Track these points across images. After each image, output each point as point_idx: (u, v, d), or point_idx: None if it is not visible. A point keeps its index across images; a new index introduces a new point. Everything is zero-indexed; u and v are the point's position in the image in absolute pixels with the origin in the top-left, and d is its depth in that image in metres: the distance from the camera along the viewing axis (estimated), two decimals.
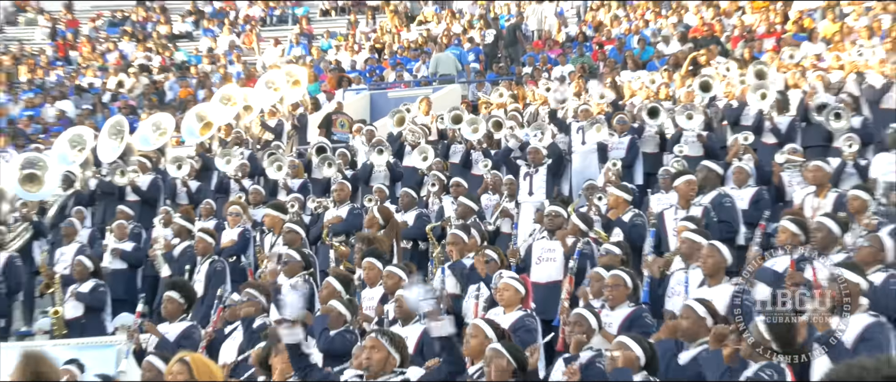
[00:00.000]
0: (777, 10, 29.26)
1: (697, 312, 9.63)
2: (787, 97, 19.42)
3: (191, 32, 38.54)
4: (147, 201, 20.04)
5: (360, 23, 37.19)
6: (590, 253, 13.31)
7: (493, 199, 17.38)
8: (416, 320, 11.36)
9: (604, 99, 22.34)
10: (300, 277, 12.93)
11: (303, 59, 32.95)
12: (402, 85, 30.48)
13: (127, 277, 17.05)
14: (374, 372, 9.08)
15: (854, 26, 26.49)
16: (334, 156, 20.07)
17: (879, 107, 18.94)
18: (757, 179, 16.45)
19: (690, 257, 11.72)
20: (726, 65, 24.27)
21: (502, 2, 35.58)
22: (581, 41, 31.11)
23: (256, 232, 17.06)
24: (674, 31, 29.77)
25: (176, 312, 12.68)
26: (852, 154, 16.07)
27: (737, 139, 17.32)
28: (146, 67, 35.05)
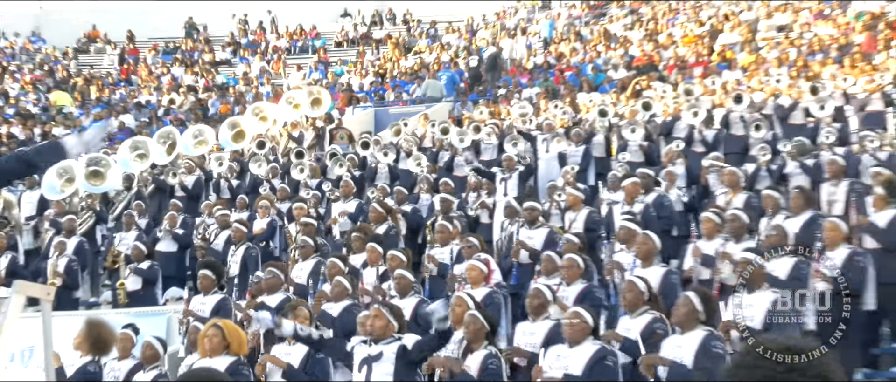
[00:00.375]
0: (704, 44, 29.23)
1: (639, 286, 9.57)
2: (713, 114, 19.39)
3: (229, 59, 38.47)
4: (192, 196, 19.97)
5: (367, 53, 37.17)
6: (555, 240, 13.36)
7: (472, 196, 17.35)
8: (412, 294, 11.41)
9: (566, 114, 22.34)
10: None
11: (320, 81, 32.91)
12: (400, 103, 30.46)
13: (177, 258, 17.02)
14: (377, 336, 9.04)
15: (767, 57, 26.44)
16: (344, 159, 20.02)
17: (787, 123, 18.88)
18: (687, 180, 16.47)
19: (627, 242, 11.77)
20: (663, 89, 24.25)
21: (483, 34, 35.53)
22: (545, 68, 31.08)
23: (281, 221, 17.00)
24: (621, 60, 29.73)
25: (209, 286, 12.61)
26: (765, 161, 16.05)
27: (671, 148, 17.34)
28: (193, 88, 35.00)
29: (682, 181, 16.35)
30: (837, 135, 16.88)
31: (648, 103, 21.23)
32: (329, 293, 11.92)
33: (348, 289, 11.83)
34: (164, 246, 16.78)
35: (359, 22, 40.07)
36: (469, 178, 18.08)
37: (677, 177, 15.97)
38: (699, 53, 28.70)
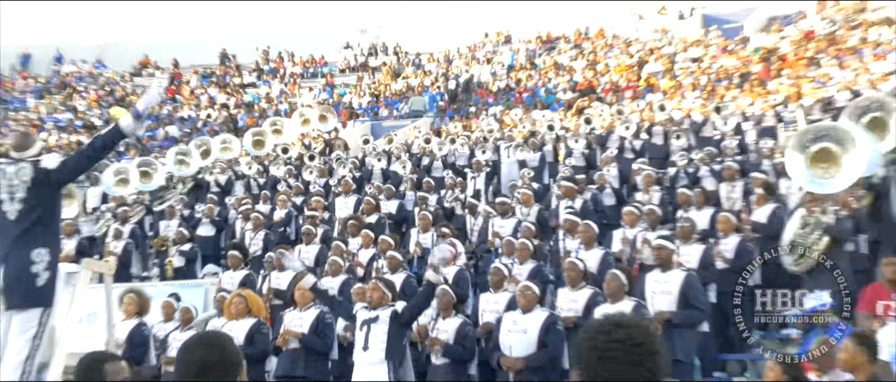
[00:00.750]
0: (633, 72, 29.38)
1: (579, 266, 9.63)
2: (641, 127, 19.50)
3: (255, 82, 38.41)
4: (225, 191, 19.93)
5: (365, 77, 37.16)
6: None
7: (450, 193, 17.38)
8: (401, 270, 11.42)
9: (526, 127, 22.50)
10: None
11: (327, 100, 32.92)
12: (391, 118, 30.52)
13: (213, 241, 16.90)
14: (375, 305, 9.05)
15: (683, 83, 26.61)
16: (347, 162, 20.11)
17: (699, 136, 19.01)
18: (619, 180, 16.51)
19: (571, 231, 11.77)
20: (601, 108, 24.38)
21: (457, 63, 35.58)
22: (507, 91, 31.17)
23: (296, 212, 17.04)
24: (567, 85, 29.84)
25: (237, 263, 12.61)
26: (683, 165, 16.09)
27: (607, 154, 17.43)
28: (225, 105, 34.99)
29: (616, 181, 16.36)
30: (738, 145, 17.07)
31: (589, 119, 21.35)
32: (328, 269, 11.94)
33: (342, 265, 11.84)
34: (203, 231, 16.74)
35: (358, 53, 40.03)
36: (445, 179, 18.15)
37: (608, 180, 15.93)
38: (629, 80, 28.87)
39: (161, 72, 40.12)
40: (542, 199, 15.64)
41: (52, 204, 6.26)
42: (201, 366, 3.07)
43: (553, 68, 32.51)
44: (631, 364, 2.39)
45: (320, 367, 9.82)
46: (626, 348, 2.39)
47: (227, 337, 3.31)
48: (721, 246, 10.68)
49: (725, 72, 27.09)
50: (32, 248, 6.02)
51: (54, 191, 6.27)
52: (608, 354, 2.40)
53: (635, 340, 2.39)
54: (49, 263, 6.03)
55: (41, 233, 6.10)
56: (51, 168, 6.21)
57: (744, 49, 29.26)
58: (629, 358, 2.39)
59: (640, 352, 2.40)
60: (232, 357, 3.16)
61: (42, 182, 6.15)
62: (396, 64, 38.01)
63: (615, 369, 2.39)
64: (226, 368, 3.09)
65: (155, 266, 17.00)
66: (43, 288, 5.98)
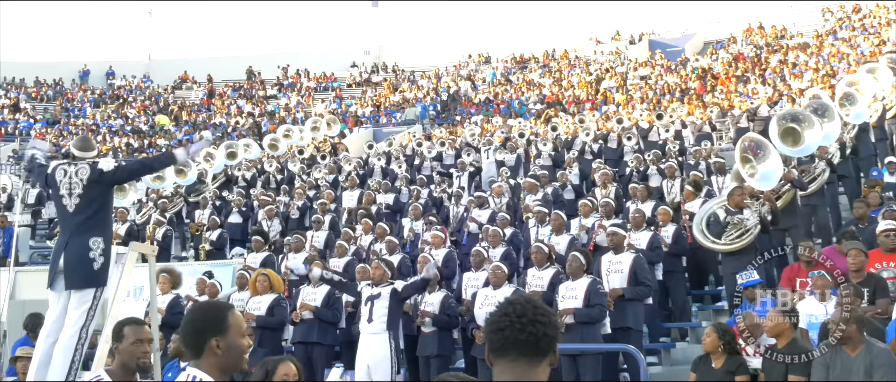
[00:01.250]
0: (592, 87, 29.37)
1: (544, 250, 9.55)
2: (599, 134, 19.40)
3: (276, 95, 38.19)
4: (251, 185, 19.76)
5: (368, 91, 37.03)
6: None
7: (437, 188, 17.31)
8: (398, 252, 11.38)
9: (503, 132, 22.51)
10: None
11: (336, 110, 32.76)
12: (390, 125, 30.45)
13: (241, 227, 16.66)
14: (376, 282, 9.05)
15: (633, 96, 26.61)
16: (352, 161, 20.05)
17: (647, 140, 18.93)
18: (580, 178, 16.46)
19: (542, 220, 11.72)
20: (565, 117, 24.32)
21: (445, 79, 35.49)
22: (487, 103, 31.11)
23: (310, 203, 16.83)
24: (537, 98, 29.82)
25: (260, 246, 12.53)
26: (635, 166, 15.91)
27: (570, 156, 17.34)
28: (251, 114, 34.77)
29: (577, 179, 16.30)
30: (678, 149, 17.00)
31: (555, 126, 21.27)
32: (336, 251, 11.88)
33: (347, 248, 11.83)
34: (232, 219, 16.59)
35: (363, 70, 39.90)
36: (434, 176, 18.09)
37: (570, 181, 15.86)
38: (589, 94, 28.86)
39: (198, 86, 39.90)
40: (516, 193, 15.59)
41: (106, 200, 6.26)
42: (186, 325, 3.22)
43: (525, 84, 32.46)
44: (517, 331, 2.54)
45: (330, 334, 9.81)
46: (511, 319, 2.55)
47: (213, 307, 3.30)
48: (662, 233, 10.65)
49: (668, 87, 27.12)
50: (89, 237, 6.02)
51: (107, 189, 6.26)
52: (500, 326, 2.56)
53: (519, 312, 2.56)
54: (103, 250, 6.04)
55: (96, 224, 6.10)
56: (106, 170, 6.20)
57: (684, 69, 29.27)
58: (515, 326, 2.54)
59: (524, 322, 2.54)
60: (208, 321, 3.17)
61: (97, 181, 6.13)
62: (394, 80, 37.87)
63: (506, 336, 2.54)
64: (203, 330, 3.13)
65: (191, 248, 16.89)
66: (98, 271, 6.01)
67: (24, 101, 37.35)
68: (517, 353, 2.54)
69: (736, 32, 32.42)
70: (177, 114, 35.59)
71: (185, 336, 3.18)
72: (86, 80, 40.47)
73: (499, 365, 2.57)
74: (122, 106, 37.34)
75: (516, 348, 2.54)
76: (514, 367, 2.54)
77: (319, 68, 39.94)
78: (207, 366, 3.08)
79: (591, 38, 38.38)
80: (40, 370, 5.90)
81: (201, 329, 3.13)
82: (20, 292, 13.00)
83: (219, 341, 3.09)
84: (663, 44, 34.39)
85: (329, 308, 9.78)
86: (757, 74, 26.49)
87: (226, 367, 3.11)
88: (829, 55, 25.46)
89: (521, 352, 2.54)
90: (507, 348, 2.55)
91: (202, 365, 3.08)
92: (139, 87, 40.25)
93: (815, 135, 9.75)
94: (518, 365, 2.54)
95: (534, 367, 2.55)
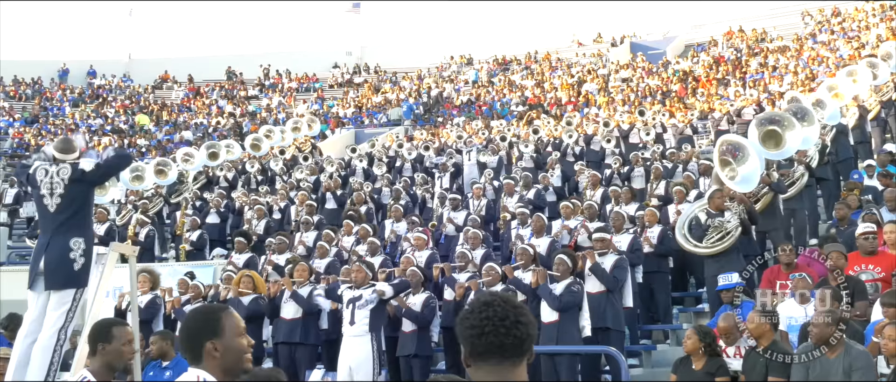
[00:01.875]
0: (574, 89, 29.43)
1: (530, 251, 9.61)
2: (585, 137, 19.29)
3: (257, 95, 37.96)
4: (232, 186, 19.67)
5: (350, 92, 36.91)
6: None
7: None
8: (379, 253, 11.38)
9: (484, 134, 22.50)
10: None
11: (318, 111, 32.64)
12: (372, 126, 30.38)
13: (220, 228, 16.56)
14: (358, 284, 9.10)
15: (615, 99, 26.70)
16: (335, 162, 20.05)
17: (628, 142, 18.95)
18: (562, 180, 16.49)
19: (524, 222, 11.72)
20: (547, 119, 24.38)
21: (427, 80, 35.46)
22: (469, 104, 31.11)
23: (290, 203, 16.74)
24: (519, 99, 29.86)
25: (242, 248, 12.47)
26: (617, 168, 15.95)
27: (552, 157, 17.30)
28: (232, 114, 34.60)
29: (559, 180, 16.33)
30: (660, 152, 17.02)
31: (537, 128, 21.27)
32: (317, 252, 11.87)
33: (328, 249, 11.84)
34: (210, 220, 16.48)
35: (345, 71, 39.82)
36: (416, 177, 18.10)
37: (552, 182, 15.84)
38: (570, 96, 28.92)
39: (178, 86, 39.69)
40: (499, 195, 15.61)
41: (86, 200, 6.25)
42: (183, 330, 3.22)
43: (507, 86, 32.50)
44: (502, 336, 2.47)
45: (313, 334, 9.80)
46: (494, 323, 2.47)
47: (208, 310, 3.31)
48: (647, 234, 10.70)
49: (650, 90, 27.24)
50: (70, 237, 6.00)
51: (89, 189, 6.25)
52: (483, 330, 2.47)
53: (500, 315, 2.48)
54: (84, 250, 6.02)
55: (77, 224, 6.09)
56: (87, 169, 6.20)
57: (665, 71, 29.41)
58: (499, 331, 2.47)
59: (508, 324, 2.47)
60: (203, 325, 3.18)
61: (79, 180, 6.12)
62: (376, 81, 37.81)
63: (490, 341, 2.47)
64: (199, 333, 3.14)
65: (171, 248, 16.78)
66: (79, 272, 5.99)
67: (2, 100, 37.02)
68: (501, 357, 2.48)
69: (717, 35, 32.61)
70: (157, 114, 35.36)
71: (182, 342, 3.18)
72: (65, 79, 40.15)
73: (480, 369, 2.50)
74: (101, 105, 37.07)
75: (501, 352, 2.48)
76: (498, 370, 2.49)
77: (301, 69, 39.82)
78: (209, 370, 3.07)
79: (573, 40, 38.47)
80: (18, 370, 5.86)
81: (196, 333, 3.13)
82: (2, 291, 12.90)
83: (215, 344, 3.09)
84: (645, 46, 34.53)
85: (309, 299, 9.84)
86: (737, 77, 26.64)
87: (227, 368, 3.10)
88: (809, 58, 25.66)
89: (506, 356, 2.48)
90: (491, 352, 2.48)
91: (204, 369, 3.08)
92: (119, 87, 39.97)
93: (796, 137, 9.83)
94: (502, 368, 2.49)
95: (516, 367, 2.50)
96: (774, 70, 25.91)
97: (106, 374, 4.35)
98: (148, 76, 40.45)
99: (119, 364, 4.43)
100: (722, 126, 18.76)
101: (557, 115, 25.52)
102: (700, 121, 21.72)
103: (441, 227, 13.65)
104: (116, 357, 4.38)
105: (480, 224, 12.33)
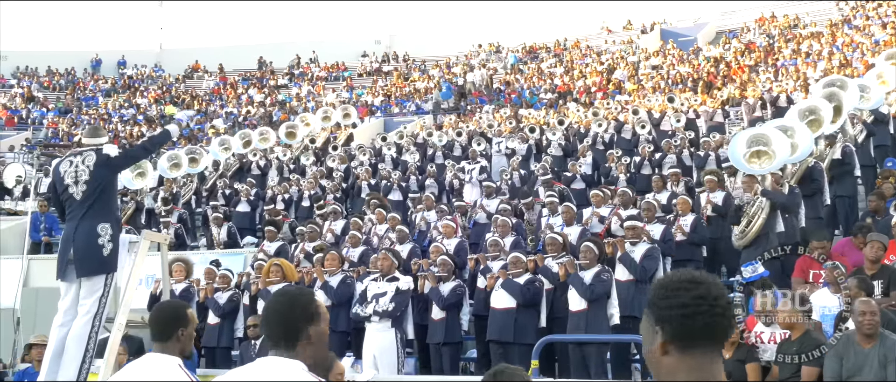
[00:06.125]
0: (604, 77, 29.17)
1: (559, 240, 9.59)
2: (615, 125, 18.96)
3: (287, 84, 38.12)
4: (264, 174, 19.71)
5: (379, 80, 36.94)
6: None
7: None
8: (408, 241, 11.37)
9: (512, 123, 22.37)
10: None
11: (347, 100, 32.66)
12: (401, 114, 30.40)
13: (250, 216, 16.70)
14: (384, 273, 9.15)
15: (645, 86, 26.47)
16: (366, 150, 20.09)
17: (660, 129, 18.67)
18: (592, 168, 16.33)
19: (553, 211, 11.67)
20: (576, 107, 24.20)
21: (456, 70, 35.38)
22: (498, 92, 31.02)
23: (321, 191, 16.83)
24: (548, 87, 29.70)
25: (273, 236, 12.53)
26: (648, 153, 15.76)
27: (583, 145, 17.17)
28: (262, 103, 34.77)
29: (589, 168, 16.21)
30: (689, 139, 16.78)
31: (562, 120, 20.97)
32: (349, 241, 11.90)
33: (360, 238, 11.88)
34: (241, 208, 16.59)
35: (374, 59, 39.87)
36: (446, 165, 18.05)
37: (582, 167, 15.79)
38: (600, 84, 28.72)
39: (209, 75, 39.95)
40: (527, 183, 15.54)
41: (111, 185, 6.26)
42: (276, 313, 2.98)
43: (536, 73, 32.35)
44: (716, 316, 2.08)
45: (343, 321, 9.84)
46: (710, 303, 2.08)
47: (301, 293, 3.12)
48: (680, 222, 10.60)
49: (680, 77, 26.98)
50: (97, 223, 6.00)
51: (113, 174, 6.26)
52: (699, 309, 2.07)
53: (715, 294, 2.09)
54: (111, 235, 6.03)
55: (103, 210, 6.08)
56: (112, 154, 6.20)
57: (696, 58, 29.12)
58: (714, 311, 2.08)
59: (723, 304, 2.10)
60: (300, 308, 2.97)
61: (103, 165, 6.13)
62: (405, 69, 37.81)
63: (705, 322, 2.08)
64: (296, 317, 2.92)
65: (202, 237, 16.90)
66: (108, 257, 5.99)
67: (36, 90, 37.49)
68: (712, 342, 2.10)
69: (748, 22, 32.22)
70: (188, 104, 35.63)
71: (275, 325, 2.94)
72: (98, 70, 40.60)
73: (688, 356, 2.08)
74: (133, 95, 37.43)
75: (713, 336, 2.09)
76: (708, 356, 2.10)
77: (330, 58, 39.91)
78: (302, 357, 2.89)
79: (603, 27, 38.19)
80: (54, 359, 5.91)
81: (292, 317, 2.93)
82: (33, 280, 13.09)
83: (312, 329, 2.93)
84: (675, 33, 34.21)
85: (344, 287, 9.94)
86: (769, 64, 26.31)
87: (317, 358, 2.95)
88: (843, 44, 25.27)
89: (717, 341, 2.10)
90: (704, 336, 2.09)
91: (296, 356, 2.89)
92: (150, 76, 40.33)
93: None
94: (711, 355, 2.11)
95: (719, 358, 2.14)
96: (808, 56, 25.55)
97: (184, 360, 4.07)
98: (179, 66, 40.80)
99: (190, 349, 4.14)
100: (756, 113, 18.50)
101: (587, 103, 25.37)
102: (732, 108, 21.45)
103: (473, 211, 13.63)
104: (190, 341, 4.06)
105: (511, 212, 12.25)
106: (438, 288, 9.39)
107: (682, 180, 13.18)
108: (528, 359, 8.08)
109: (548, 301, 9.11)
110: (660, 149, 16.07)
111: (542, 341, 8.35)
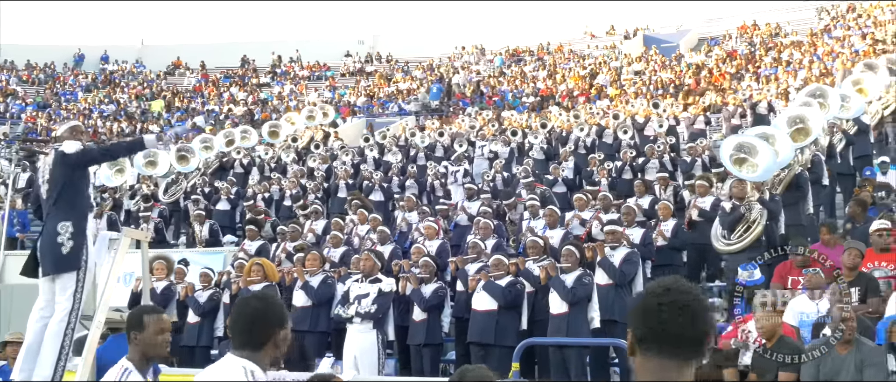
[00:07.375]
0: (586, 82, 29.25)
1: (540, 243, 9.63)
2: (597, 129, 19.06)
3: (269, 83, 37.94)
4: (247, 173, 19.62)
5: (361, 80, 36.84)
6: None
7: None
8: (389, 242, 11.36)
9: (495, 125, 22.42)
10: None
11: (329, 100, 32.58)
12: (383, 115, 30.34)
13: (229, 215, 16.55)
14: (366, 274, 9.16)
15: (627, 91, 26.57)
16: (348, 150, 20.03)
17: (643, 134, 18.74)
18: (574, 172, 16.40)
19: (535, 214, 11.70)
20: (558, 111, 24.27)
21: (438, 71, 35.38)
22: (480, 95, 31.03)
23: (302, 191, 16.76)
24: (530, 91, 29.75)
25: (253, 235, 12.48)
26: (629, 157, 15.77)
27: (565, 150, 17.22)
28: (245, 101, 34.60)
29: (571, 172, 16.26)
30: (671, 144, 16.88)
31: (545, 123, 21.05)
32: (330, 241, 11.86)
33: (342, 238, 11.80)
34: (220, 206, 16.48)
35: (357, 60, 39.78)
36: (427, 167, 18.05)
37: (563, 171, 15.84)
38: (582, 88, 28.80)
39: (191, 72, 39.73)
40: (509, 185, 15.56)
41: (71, 183, 6.10)
42: (253, 316, 3.07)
43: (519, 77, 32.40)
44: (680, 326, 2.12)
45: (323, 322, 9.80)
46: (675, 310, 2.12)
47: (276, 300, 3.25)
48: (661, 227, 10.65)
49: (662, 83, 27.10)
50: (57, 221, 5.98)
51: (72, 171, 6.10)
52: (661, 316, 2.12)
53: (680, 303, 2.12)
54: (72, 233, 5.94)
55: (65, 208, 6.02)
56: (68, 152, 6.10)
57: (678, 65, 29.27)
58: (677, 320, 2.12)
59: (689, 314, 2.13)
60: (274, 314, 3.10)
61: (59, 163, 6.08)
62: (388, 70, 37.75)
63: (665, 329, 2.12)
64: (270, 323, 3.04)
65: (182, 234, 16.81)
66: (69, 255, 5.92)
67: (14, 84, 37.14)
68: (676, 349, 2.13)
69: (731, 29, 32.43)
70: (169, 101, 35.40)
71: (243, 327, 3.07)
72: (80, 65, 40.27)
73: (648, 360, 2.14)
74: (114, 91, 37.14)
75: (678, 344, 2.12)
76: (668, 365, 2.13)
77: (313, 57, 39.80)
78: (265, 359, 3.01)
79: (586, 32, 38.32)
80: (29, 355, 5.87)
81: (264, 320, 3.06)
82: (9, 276, 12.96)
83: (282, 333, 3.06)
84: (658, 39, 34.37)
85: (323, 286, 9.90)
86: (751, 72, 26.49)
87: (275, 360, 3.11)
88: (824, 54, 25.49)
89: (682, 349, 2.13)
90: (666, 341, 2.13)
91: (259, 358, 2.99)
92: (132, 73, 40.05)
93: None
94: (672, 363, 2.13)
95: (685, 368, 2.15)
96: (788, 65, 25.74)
97: (143, 365, 4.11)
98: (160, 62, 40.54)
99: (153, 353, 4.15)
100: (735, 120, 18.63)
101: (569, 107, 25.43)
102: (713, 115, 21.58)
103: (454, 214, 13.63)
104: (150, 346, 4.10)
105: (492, 214, 12.27)
106: (420, 290, 9.37)
107: (670, 185, 13.22)
108: (508, 361, 8.09)
109: (529, 303, 9.13)
110: (642, 153, 16.12)
111: (522, 343, 8.36)
